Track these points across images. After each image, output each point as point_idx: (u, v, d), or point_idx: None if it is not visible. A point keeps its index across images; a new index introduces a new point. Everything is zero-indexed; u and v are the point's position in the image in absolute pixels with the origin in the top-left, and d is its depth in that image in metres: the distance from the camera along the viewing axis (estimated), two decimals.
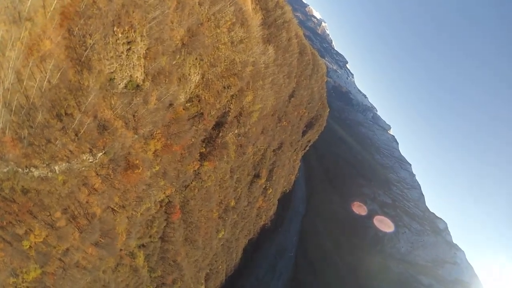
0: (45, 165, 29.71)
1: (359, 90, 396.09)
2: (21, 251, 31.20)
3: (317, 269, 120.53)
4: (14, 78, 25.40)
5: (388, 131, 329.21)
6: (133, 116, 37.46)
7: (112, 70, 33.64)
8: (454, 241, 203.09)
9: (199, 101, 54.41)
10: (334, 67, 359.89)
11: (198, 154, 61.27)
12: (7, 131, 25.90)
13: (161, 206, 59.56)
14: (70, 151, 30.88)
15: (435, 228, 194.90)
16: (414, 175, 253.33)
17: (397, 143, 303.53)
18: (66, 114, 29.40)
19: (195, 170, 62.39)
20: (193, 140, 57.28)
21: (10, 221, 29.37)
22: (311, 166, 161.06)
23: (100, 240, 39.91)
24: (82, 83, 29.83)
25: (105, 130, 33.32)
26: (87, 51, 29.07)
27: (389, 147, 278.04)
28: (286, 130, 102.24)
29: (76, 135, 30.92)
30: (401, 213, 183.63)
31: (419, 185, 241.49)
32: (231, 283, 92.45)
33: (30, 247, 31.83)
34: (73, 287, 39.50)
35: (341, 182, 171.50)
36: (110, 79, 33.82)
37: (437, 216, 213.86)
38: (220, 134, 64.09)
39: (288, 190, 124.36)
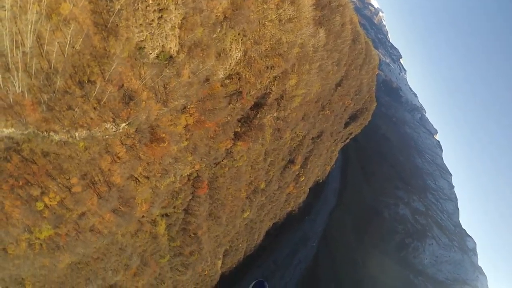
0: (65, 130, 28.36)
1: (410, 88, 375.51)
2: (35, 211, 30.50)
3: (336, 265, 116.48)
4: (34, 42, 23.97)
5: (434, 136, 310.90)
6: (164, 88, 34.80)
7: (142, 39, 31.01)
8: (480, 263, 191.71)
9: (239, 79, 50.88)
10: (387, 60, 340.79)
11: (233, 133, 58.27)
12: (26, 95, 24.93)
13: (188, 180, 57.86)
14: (91, 118, 29.15)
15: (463, 246, 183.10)
16: (453, 187, 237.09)
17: (441, 150, 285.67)
18: (89, 81, 27.56)
19: (227, 149, 59.67)
20: (228, 118, 54.32)
21: (28, 182, 28.57)
22: (349, 159, 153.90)
23: (119, 208, 38.49)
24: (107, 50, 27.65)
25: (131, 101, 30.97)
26: (114, 16, 26.39)
27: (433, 152, 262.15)
28: (328, 120, 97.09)
29: (99, 103, 29.03)
30: (432, 223, 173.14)
31: (456, 198, 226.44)
32: (248, 262, 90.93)
33: (44, 208, 31.07)
34: (86, 249, 38.82)
35: (377, 180, 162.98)
36: (140, 48, 31.14)
37: (468, 234, 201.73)
38: (258, 116, 60.71)
39: (321, 180, 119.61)
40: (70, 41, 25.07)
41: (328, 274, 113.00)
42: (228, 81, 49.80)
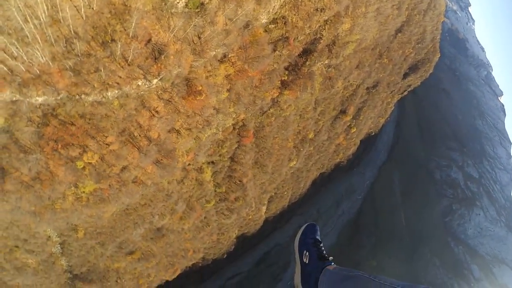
0: (96, 92, 27.63)
1: (477, 41, 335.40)
2: (77, 169, 30.84)
3: (379, 220, 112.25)
4: (49, 11, 22.80)
5: (499, 98, 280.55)
6: (198, 38, 31.33)
7: None
8: None
9: (284, 23, 45.75)
10: (454, 7, 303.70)
11: (279, 82, 54.12)
12: (51, 63, 24.39)
13: (234, 129, 55.91)
14: (120, 77, 27.83)
15: (510, 223, 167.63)
16: (511, 157, 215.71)
17: (505, 115, 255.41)
18: (112, 40, 25.88)
19: (273, 98, 55.93)
20: (274, 66, 50.07)
21: (67, 143, 28.77)
22: (404, 113, 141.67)
23: (161, 160, 37.51)
24: (127, 5, 25.21)
25: (160, 55, 28.24)
26: None
27: (495, 116, 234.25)
28: (386, 69, 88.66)
29: (126, 61, 27.28)
30: (483, 192, 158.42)
31: None
32: (292, 209, 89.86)
33: (85, 166, 31.40)
34: (131, 199, 38.91)
35: (431, 138, 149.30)
36: None
37: None
38: (307, 63, 55.49)
39: (373, 133, 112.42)
40: (86, 2, 23.32)
41: (370, 229, 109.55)
42: (272, 26, 45.05)
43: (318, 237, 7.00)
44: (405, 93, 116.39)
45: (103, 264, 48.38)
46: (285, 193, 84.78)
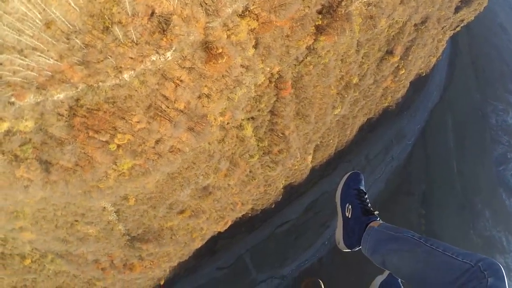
0: (112, 77, 27.03)
1: None
2: (110, 151, 31.55)
3: (430, 167, 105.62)
4: (43, 13, 22.40)
5: None
6: None
7: None
8: None
9: None
10: None
11: (313, 27, 49.58)
12: (60, 62, 24.21)
13: (270, 82, 53.90)
14: (132, 58, 26.53)
15: None
16: None
17: None
18: (113, 23, 24.38)
19: (309, 46, 51.90)
20: (306, 11, 45.48)
21: (97, 129, 29.29)
22: (458, 50, 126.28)
23: (195, 127, 37.15)
24: (107, 8, 23.57)
25: (167, 26, 26.26)
26: None
27: None
28: (435, 3, 78.39)
29: (132, 41, 25.77)
30: None
31: None
32: (339, 157, 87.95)
33: (118, 148, 31.97)
34: (171, 167, 39.85)
35: (487, 78, 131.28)
36: None
37: None
38: (343, 3, 49.91)
39: (424, 73, 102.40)
40: None
41: (420, 175, 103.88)
42: None
43: (362, 188, 6.34)
44: (458, 29, 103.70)
45: (157, 224, 51.69)
46: (331, 141, 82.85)
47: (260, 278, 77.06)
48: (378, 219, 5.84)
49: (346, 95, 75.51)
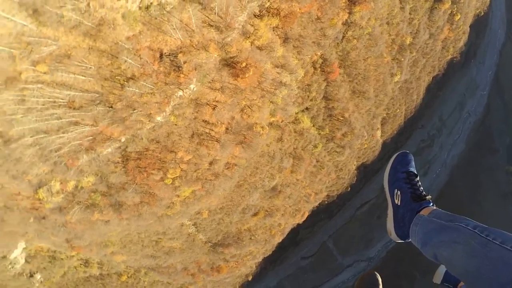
0: (147, 123, 29.14)
1: None
2: (167, 185, 33.81)
3: (511, 115, 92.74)
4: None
5: None
6: (215, 14, 28.20)
7: None
8: None
9: None
10: None
11: (344, 0, 46.58)
12: (96, 126, 26.65)
13: (315, 69, 52.30)
14: (157, 102, 28.09)
15: None
16: None
17: None
18: (128, 79, 26.10)
19: (345, 21, 49.22)
20: None
21: (150, 169, 31.37)
22: None
23: (244, 140, 37.74)
24: (117, 42, 24.59)
25: (180, 60, 26.50)
26: None
27: None
28: None
29: (152, 88, 26.79)
30: None
31: None
32: (410, 125, 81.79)
33: (173, 181, 34.05)
34: (231, 182, 41.12)
35: None
36: (147, 7, 25.54)
37: None
38: None
39: (482, 12, 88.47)
40: (83, 67, 23.85)
41: (502, 127, 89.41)
42: None
43: (412, 170, 5.76)
44: None
45: (234, 229, 54.05)
46: (398, 110, 77.94)
47: (347, 262, 76.12)
48: (432, 204, 5.20)
49: (402, 59, 70.15)
